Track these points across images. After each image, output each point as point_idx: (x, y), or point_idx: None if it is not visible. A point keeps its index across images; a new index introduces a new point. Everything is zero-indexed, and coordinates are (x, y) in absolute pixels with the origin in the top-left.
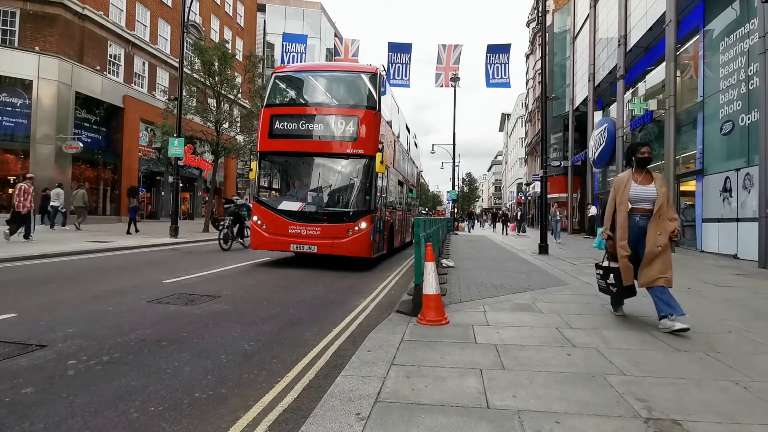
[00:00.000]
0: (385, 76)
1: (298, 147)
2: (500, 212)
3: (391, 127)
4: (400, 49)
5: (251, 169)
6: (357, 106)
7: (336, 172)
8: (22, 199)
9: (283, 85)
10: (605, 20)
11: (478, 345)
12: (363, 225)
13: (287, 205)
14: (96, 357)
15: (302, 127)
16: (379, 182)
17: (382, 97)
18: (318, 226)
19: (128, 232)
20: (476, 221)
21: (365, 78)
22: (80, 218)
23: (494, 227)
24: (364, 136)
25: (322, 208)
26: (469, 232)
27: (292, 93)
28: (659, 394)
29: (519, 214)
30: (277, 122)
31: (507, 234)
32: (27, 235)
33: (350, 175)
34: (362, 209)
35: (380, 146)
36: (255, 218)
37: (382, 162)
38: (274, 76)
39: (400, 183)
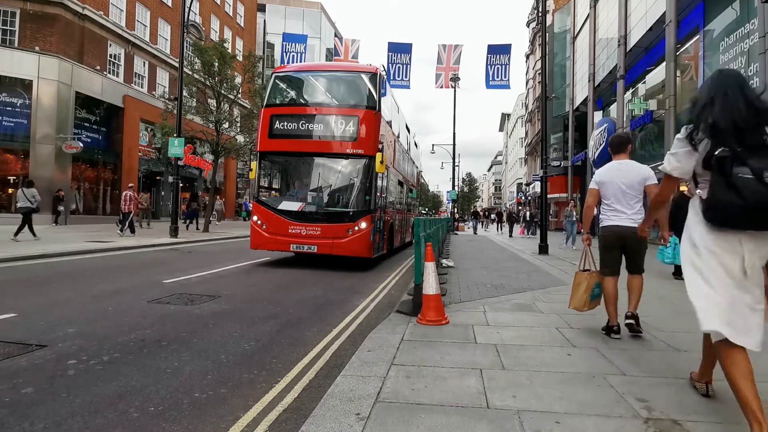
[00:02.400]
0: (385, 76)
1: (298, 147)
2: (508, 211)
3: (391, 127)
4: (400, 50)
5: (251, 169)
6: (357, 106)
7: (336, 172)
8: (127, 202)
9: (283, 85)
10: (605, 20)
11: (478, 345)
12: (363, 225)
13: (287, 205)
14: (96, 357)
15: (302, 127)
16: (379, 182)
17: (382, 97)
18: (318, 226)
19: (197, 228)
20: (479, 222)
21: (365, 78)
22: (146, 219)
23: (500, 229)
24: (364, 136)
25: (322, 208)
26: (475, 233)
27: (292, 93)
28: (659, 394)
29: (528, 213)
30: (277, 122)
31: (512, 236)
32: (122, 229)
33: (350, 175)
34: (362, 209)
35: (380, 146)
36: (255, 218)
37: (382, 162)
38: (274, 76)
39: (400, 183)
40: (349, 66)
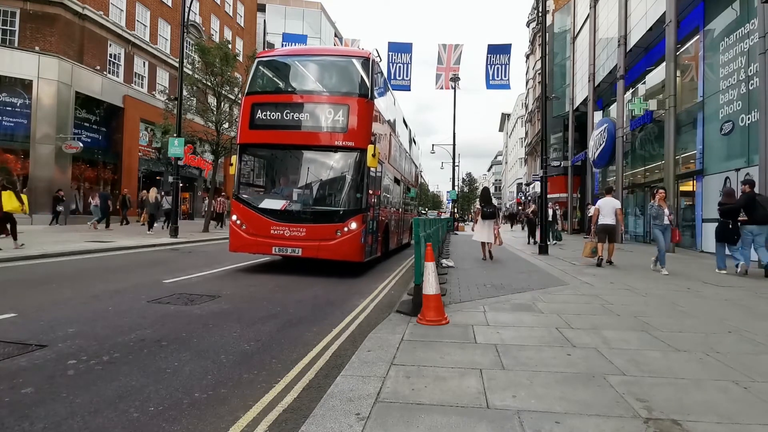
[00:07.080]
0: (378, 62)
1: (282, 138)
2: (522, 210)
3: (386, 118)
4: (400, 49)
5: (231, 164)
6: (347, 93)
7: (323, 167)
8: (220, 205)
9: (267, 72)
10: (605, 20)
11: (478, 345)
12: (353, 225)
13: (269, 203)
14: (96, 357)
15: (287, 116)
16: (373, 178)
17: (375, 84)
18: (303, 227)
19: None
20: None
21: (357, 63)
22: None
23: (530, 239)
24: (355, 127)
25: (307, 206)
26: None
27: (276, 80)
28: (659, 394)
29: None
30: (260, 111)
31: (535, 243)
32: (222, 225)
33: (339, 170)
34: (353, 208)
35: (373, 138)
36: (234, 217)
37: (374, 155)
38: (257, 61)
39: (397, 181)
40: (339, 50)
